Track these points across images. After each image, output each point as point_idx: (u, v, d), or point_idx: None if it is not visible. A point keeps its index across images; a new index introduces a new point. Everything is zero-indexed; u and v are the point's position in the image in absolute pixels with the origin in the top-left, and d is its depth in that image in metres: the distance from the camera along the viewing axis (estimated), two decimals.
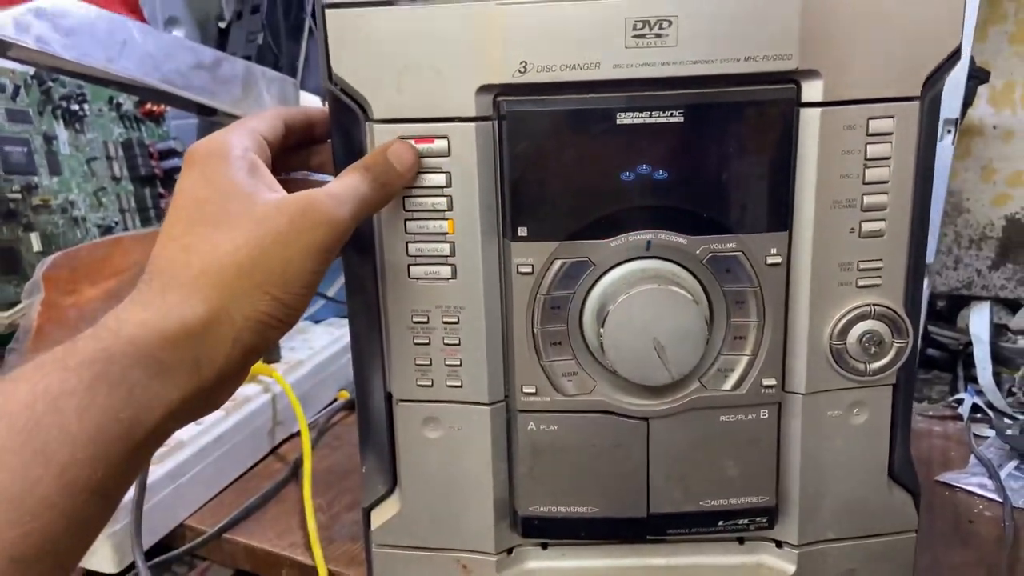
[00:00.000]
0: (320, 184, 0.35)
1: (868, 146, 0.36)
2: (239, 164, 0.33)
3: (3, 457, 0.26)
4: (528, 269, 0.38)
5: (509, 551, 0.43)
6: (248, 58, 0.79)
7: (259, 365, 0.64)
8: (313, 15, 0.84)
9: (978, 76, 0.65)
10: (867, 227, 0.37)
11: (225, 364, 0.31)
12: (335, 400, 0.70)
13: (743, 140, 0.36)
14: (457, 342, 0.39)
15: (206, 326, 0.30)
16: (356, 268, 0.40)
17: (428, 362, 0.40)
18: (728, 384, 0.40)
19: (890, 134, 0.36)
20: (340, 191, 0.34)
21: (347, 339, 0.67)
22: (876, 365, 0.39)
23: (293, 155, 0.40)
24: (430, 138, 0.37)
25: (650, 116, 0.36)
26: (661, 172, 0.36)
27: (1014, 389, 0.67)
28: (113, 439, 0.28)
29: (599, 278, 0.38)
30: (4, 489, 0.25)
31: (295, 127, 0.39)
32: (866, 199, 0.37)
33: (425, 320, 0.39)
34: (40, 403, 0.27)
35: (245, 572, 0.54)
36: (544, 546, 0.44)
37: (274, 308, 0.32)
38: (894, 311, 0.38)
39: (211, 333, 0.31)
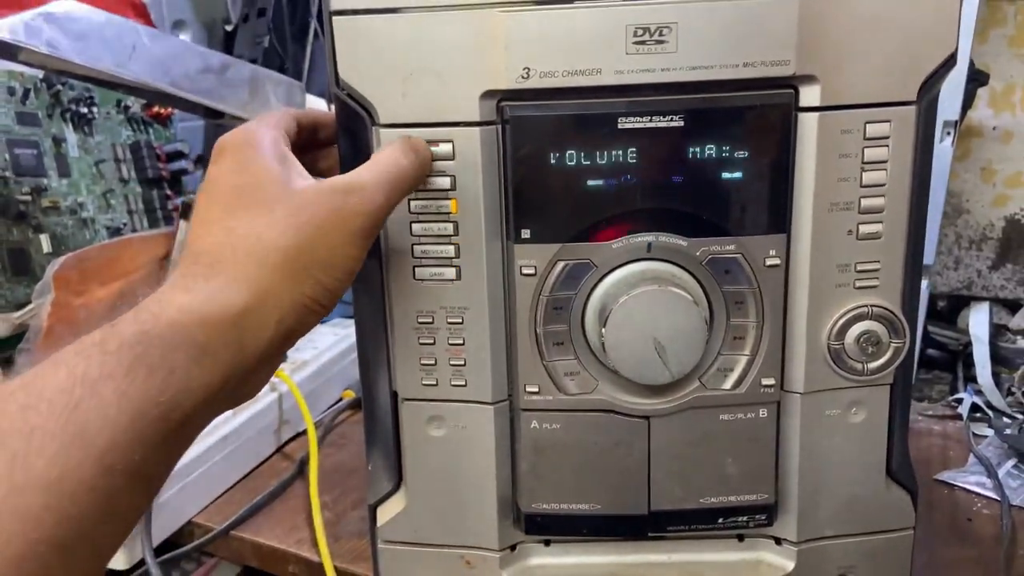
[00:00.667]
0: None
1: (865, 150, 0.37)
2: (271, 152, 0.34)
3: (42, 442, 0.25)
4: (531, 270, 0.39)
5: (512, 547, 0.44)
6: (254, 61, 0.80)
7: None
8: (319, 18, 0.84)
9: (978, 78, 0.65)
10: (864, 229, 0.38)
11: (267, 347, 0.31)
12: (340, 399, 0.71)
13: (742, 144, 0.37)
14: (461, 342, 0.40)
15: (249, 310, 0.30)
16: (362, 269, 0.40)
17: (433, 362, 0.41)
18: (728, 383, 0.40)
19: (887, 138, 0.37)
20: (375, 178, 0.34)
21: (351, 339, 0.68)
22: (873, 365, 0.39)
23: (301, 158, 0.41)
24: (435, 142, 0.37)
25: (651, 121, 0.36)
26: (662, 176, 0.37)
27: (1013, 389, 0.68)
28: (152, 423, 0.27)
29: (601, 279, 0.39)
30: (42, 474, 0.25)
31: (304, 128, 0.39)
32: (863, 202, 0.38)
33: (430, 320, 0.40)
34: (79, 387, 0.26)
35: (252, 569, 0.55)
36: (547, 542, 0.44)
37: (318, 292, 0.32)
38: (891, 312, 0.39)
39: (254, 316, 0.31)
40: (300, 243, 0.32)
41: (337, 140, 0.40)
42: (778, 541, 0.43)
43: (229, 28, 0.87)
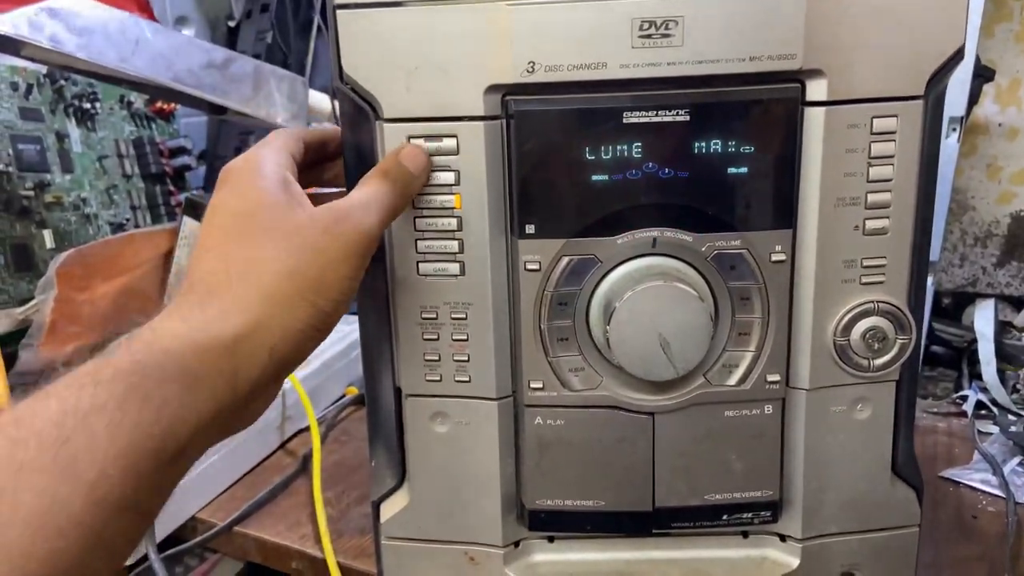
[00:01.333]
0: (330, 196, 0.36)
1: (872, 144, 0.37)
2: (272, 178, 0.34)
3: (30, 477, 0.25)
4: (535, 266, 0.39)
5: (516, 544, 0.44)
6: (257, 56, 0.80)
7: None
8: (322, 13, 0.84)
9: (984, 74, 0.65)
10: (871, 225, 0.38)
11: (260, 376, 0.31)
12: (343, 395, 0.71)
13: (748, 139, 0.36)
14: (465, 338, 0.40)
15: (243, 337, 0.30)
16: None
17: (437, 357, 0.40)
18: (733, 380, 0.40)
19: (894, 133, 0.36)
20: (366, 200, 0.34)
21: (355, 335, 0.68)
22: (879, 361, 0.39)
23: (307, 172, 0.41)
24: (439, 137, 0.37)
25: (656, 115, 0.36)
26: (667, 170, 0.37)
27: (1018, 386, 0.68)
28: (144, 454, 0.27)
29: (605, 275, 0.39)
30: (29, 509, 0.25)
31: (312, 146, 0.39)
32: (870, 197, 0.37)
33: (434, 316, 0.40)
34: (70, 419, 0.26)
35: (255, 564, 0.55)
36: (551, 539, 0.44)
37: (312, 316, 0.32)
38: (897, 307, 0.39)
39: (248, 344, 0.30)
40: (293, 266, 0.32)
41: (342, 151, 0.40)
42: (783, 538, 0.43)
43: (232, 24, 0.87)
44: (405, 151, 0.37)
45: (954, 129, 0.63)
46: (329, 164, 0.42)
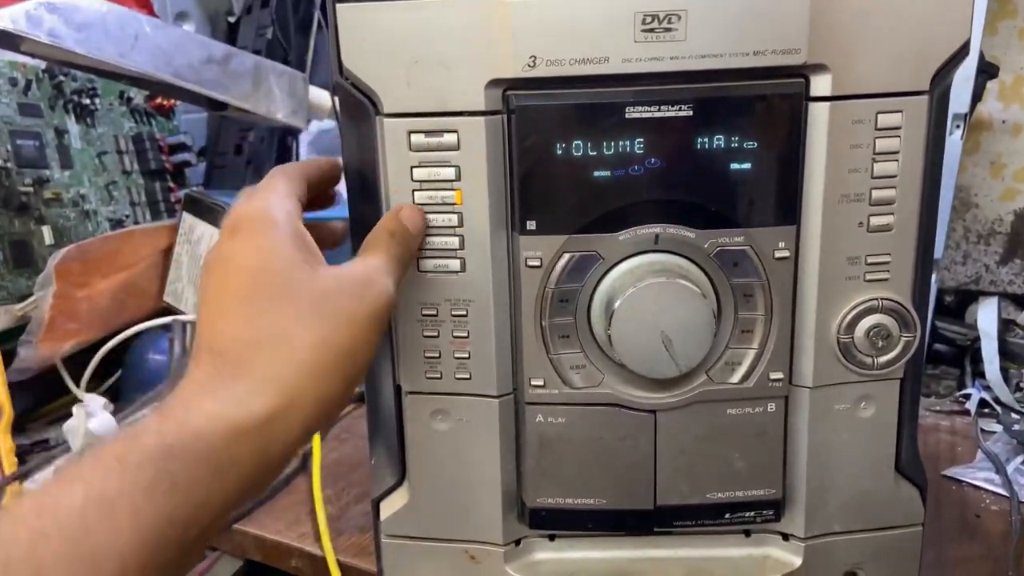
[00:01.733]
0: (329, 221, 0.36)
1: (877, 140, 0.36)
2: (288, 232, 0.33)
3: (48, 571, 0.24)
4: (537, 262, 0.38)
5: (517, 542, 0.44)
6: (257, 52, 0.80)
7: None
8: (323, 9, 0.84)
9: (987, 71, 0.65)
10: (875, 221, 0.37)
11: (289, 451, 0.30)
12: None
13: (752, 134, 0.36)
14: (466, 335, 0.40)
15: (277, 414, 0.29)
16: None
17: (437, 355, 0.40)
18: (735, 377, 0.40)
19: (899, 128, 0.36)
20: (382, 264, 0.34)
21: None
22: (883, 359, 0.39)
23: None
24: (439, 132, 0.37)
25: (659, 110, 0.36)
26: (670, 166, 0.36)
27: (1022, 384, 0.67)
28: (167, 543, 0.26)
29: (607, 271, 0.38)
30: None
31: (314, 182, 0.38)
32: (874, 193, 0.37)
33: (434, 313, 0.40)
34: (92, 508, 0.25)
35: (255, 562, 0.55)
36: (552, 537, 0.44)
37: (345, 387, 0.31)
38: (902, 305, 0.38)
39: (280, 422, 0.29)
40: (326, 336, 0.31)
41: (340, 132, 0.40)
42: (785, 537, 0.43)
43: (232, 20, 0.87)
44: (404, 212, 0.37)
45: (958, 126, 0.62)
46: (330, 190, 0.41)
